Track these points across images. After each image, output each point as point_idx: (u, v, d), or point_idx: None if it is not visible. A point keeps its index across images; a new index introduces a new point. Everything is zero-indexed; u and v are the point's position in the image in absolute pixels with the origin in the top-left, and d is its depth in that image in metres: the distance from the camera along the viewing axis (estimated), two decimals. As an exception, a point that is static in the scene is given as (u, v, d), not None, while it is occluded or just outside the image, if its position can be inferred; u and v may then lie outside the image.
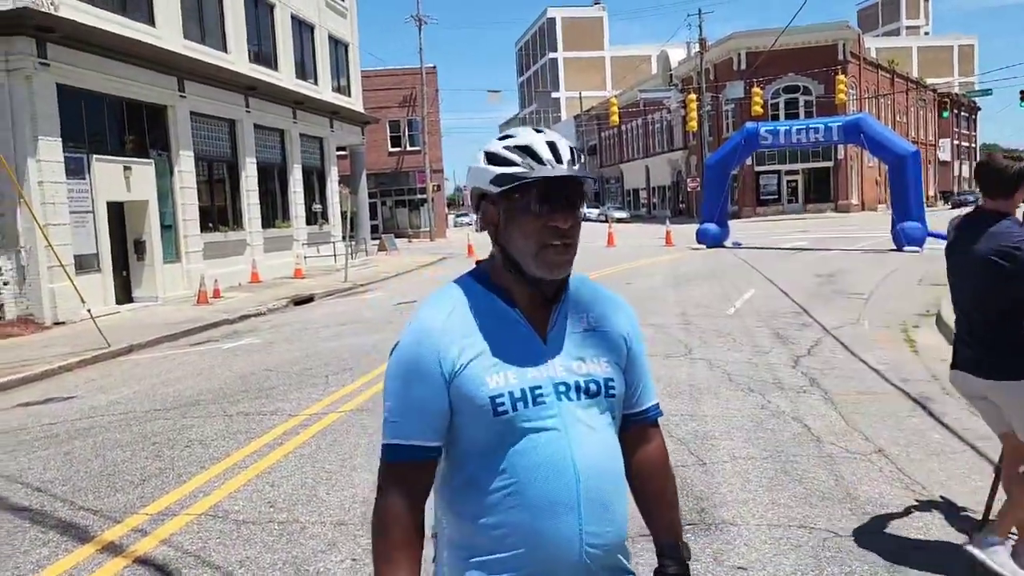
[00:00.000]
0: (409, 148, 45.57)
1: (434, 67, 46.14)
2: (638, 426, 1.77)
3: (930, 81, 70.67)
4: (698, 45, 49.43)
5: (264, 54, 23.43)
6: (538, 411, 1.59)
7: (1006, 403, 3.42)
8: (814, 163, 48.72)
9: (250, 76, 21.50)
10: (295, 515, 4.74)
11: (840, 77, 37.07)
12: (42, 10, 13.95)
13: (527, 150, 1.58)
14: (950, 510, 4.39)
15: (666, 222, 35.99)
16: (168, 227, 18.38)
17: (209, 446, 6.34)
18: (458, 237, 44.39)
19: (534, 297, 1.66)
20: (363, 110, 31.36)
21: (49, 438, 6.95)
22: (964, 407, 6.43)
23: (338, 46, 29.20)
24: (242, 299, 17.50)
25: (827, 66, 46.15)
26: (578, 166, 1.58)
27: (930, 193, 60.66)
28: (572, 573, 1.58)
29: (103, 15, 15.96)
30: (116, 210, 16.73)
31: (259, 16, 23.15)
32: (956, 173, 77.43)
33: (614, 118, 44.98)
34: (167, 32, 18.27)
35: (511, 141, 1.61)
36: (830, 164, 48.91)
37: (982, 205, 3.51)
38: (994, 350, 3.39)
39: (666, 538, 1.73)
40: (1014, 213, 3.47)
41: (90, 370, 10.47)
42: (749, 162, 43.24)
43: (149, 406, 7.93)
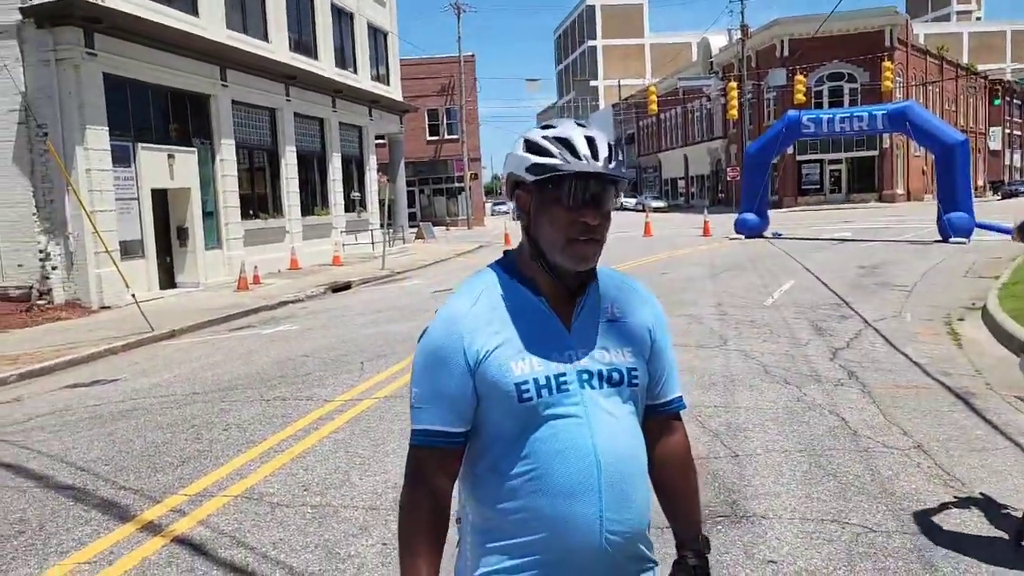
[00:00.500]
0: (447, 136, 45.70)
1: (472, 55, 46.14)
2: (661, 417, 1.77)
3: (981, 67, 68.62)
4: (739, 32, 48.64)
5: (304, 43, 23.64)
6: (561, 398, 1.60)
7: None
8: (858, 152, 47.71)
9: (290, 65, 21.73)
10: (328, 499, 4.82)
11: (886, 64, 36.14)
12: (90, 1, 14.24)
13: (565, 143, 1.58)
14: (989, 508, 4.29)
15: (704, 212, 35.59)
16: (210, 214, 18.71)
17: (246, 430, 6.46)
18: (495, 225, 44.45)
19: (559, 287, 1.66)
20: (402, 99, 31.51)
21: (93, 419, 7.15)
22: (1008, 402, 6.29)
23: (377, 35, 29.34)
24: (281, 286, 17.76)
25: (873, 53, 45.04)
26: (614, 164, 1.58)
27: (979, 183, 59.08)
28: (592, 559, 1.59)
29: (148, 5, 16.24)
30: (160, 197, 17.07)
31: (299, 5, 23.34)
32: (1007, 162, 75.24)
33: (653, 106, 44.56)
34: (210, 22, 18.53)
35: (551, 132, 1.62)
36: (875, 153, 47.86)
37: None
38: None
39: (686, 530, 1.73)
40: None
41: (134, 353, 10.73)
42: (791, 151, 42.52)
43: (189, 389, 8.11)
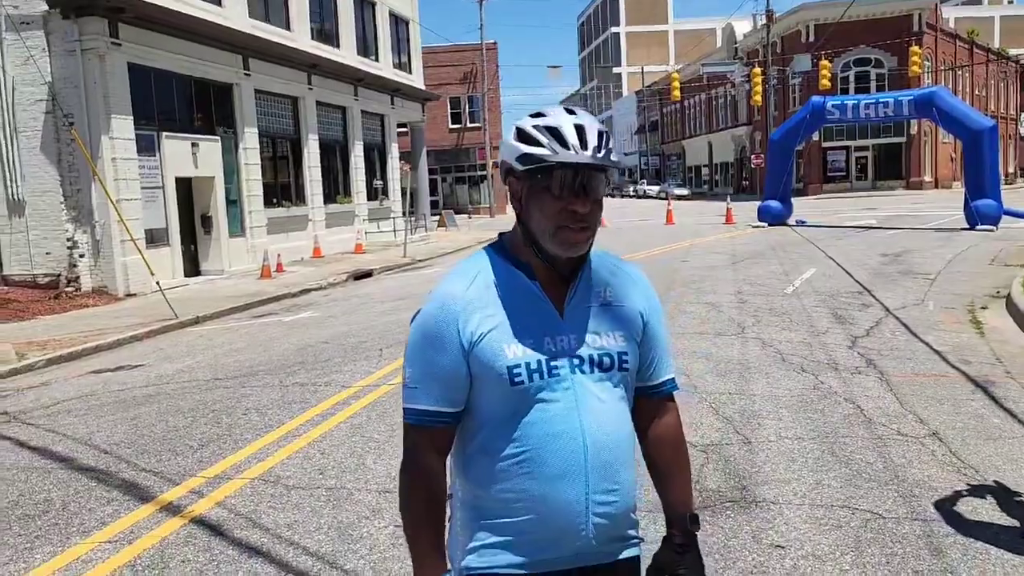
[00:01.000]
0: (469, 125, 45.63)
1: (495, 43, 45.96)
2: (654, 399, 1.80)
3: (1013, 52, 67.15)
4: (765, 17, 48.02)
5: (326, 32, 23.72)
6: (552, 383, 1.63)
7: None
8: (885, 138, 46.98)
9: (312, 54, 21.83)
10: (343, 482, 4.90)
11: (914, 49, 35.51)
12: (113, -9, 14.40)
13: (554, 132, 1.58)
14: (1003, 496, 4.27)
15: (727, 199, 35.31)
16: (233, 202, 18.89)
17: (265, 414, 6.56)
18: (517, 214, 44.33)
19: (552, 271, 1.69)
20: (424, 87, 31.53)
21: (118, 403, 7.30)
22: (1027, 391, 6.23)
23: (399, 23, 29.35)
24: (304, 273, 17.92)
25: (900, 37, 44.29)
26: (603, 152, 1.58)
27: (1009, 170, 57.97)
28: (578, 539, 1.62)
29: (171, -5, 16.39)
30: (184, 186, 17.27)
31: (321, -6, 23.43)
32: (1039, 149, 73.67)
33: (676, 93, 44.07)
34: (233, 11, 18.66)
35: (541, 120, 1.62)
36: (902, 140, 47.11)
37: None
38: None
39: (676, 509, 1.76)
40: None
41: (158, 340, 10.91)
42: (816, 138, 41.99)
43: (211, 375, 8.24)
